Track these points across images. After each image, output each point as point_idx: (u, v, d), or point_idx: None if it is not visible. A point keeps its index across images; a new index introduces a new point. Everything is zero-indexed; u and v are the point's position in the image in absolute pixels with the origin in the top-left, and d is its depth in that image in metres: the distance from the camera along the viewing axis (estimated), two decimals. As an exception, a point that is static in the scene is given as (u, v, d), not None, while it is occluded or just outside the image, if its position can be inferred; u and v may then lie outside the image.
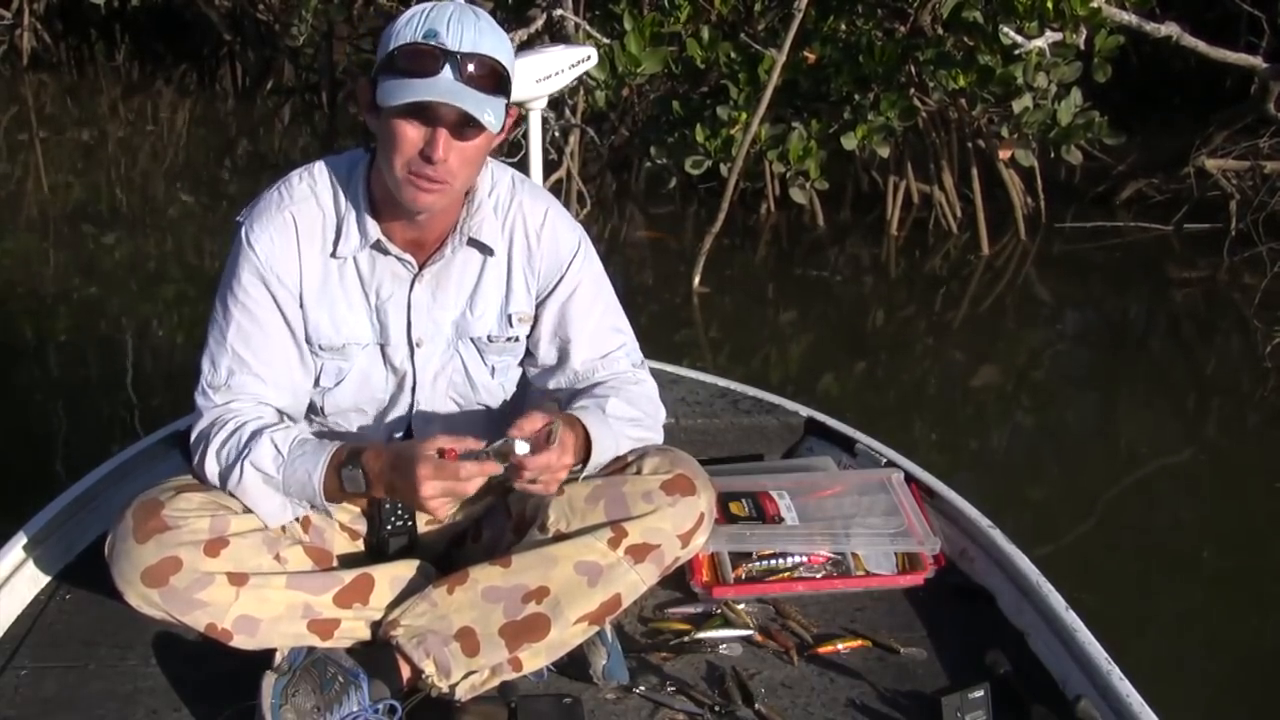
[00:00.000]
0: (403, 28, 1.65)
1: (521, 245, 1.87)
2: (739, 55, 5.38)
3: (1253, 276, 5.40)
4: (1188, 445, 4.22)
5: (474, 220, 1.82)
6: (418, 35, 1.63)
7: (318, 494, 1.73)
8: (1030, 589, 2.01)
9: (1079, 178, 6.52)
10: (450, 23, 1.63)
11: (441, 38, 1.62)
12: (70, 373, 4.46)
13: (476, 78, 1.63)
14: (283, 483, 1.74)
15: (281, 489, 1.75)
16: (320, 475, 1.73)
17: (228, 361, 1.80)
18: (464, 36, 1.63)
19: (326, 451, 1.74)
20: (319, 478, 1.73)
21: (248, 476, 1.75)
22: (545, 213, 1.88)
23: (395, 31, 1.66)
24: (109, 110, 9.09)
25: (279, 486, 1.75)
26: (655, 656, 1.91)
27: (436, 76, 1.62)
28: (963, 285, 5.72)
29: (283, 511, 1.79)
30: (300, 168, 1.84)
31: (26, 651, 1.90)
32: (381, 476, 1.71)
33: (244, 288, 1.79)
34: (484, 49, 1.64)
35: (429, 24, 1.63)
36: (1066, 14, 4.92)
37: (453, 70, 1.62)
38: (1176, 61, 7.09)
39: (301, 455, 1.74)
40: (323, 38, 9.30)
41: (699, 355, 4.66)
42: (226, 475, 1.76)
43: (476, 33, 1.64)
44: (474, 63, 1.63)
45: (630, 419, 1.86)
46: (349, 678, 1.71)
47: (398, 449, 1.72)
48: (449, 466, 1.64)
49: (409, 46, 1.63)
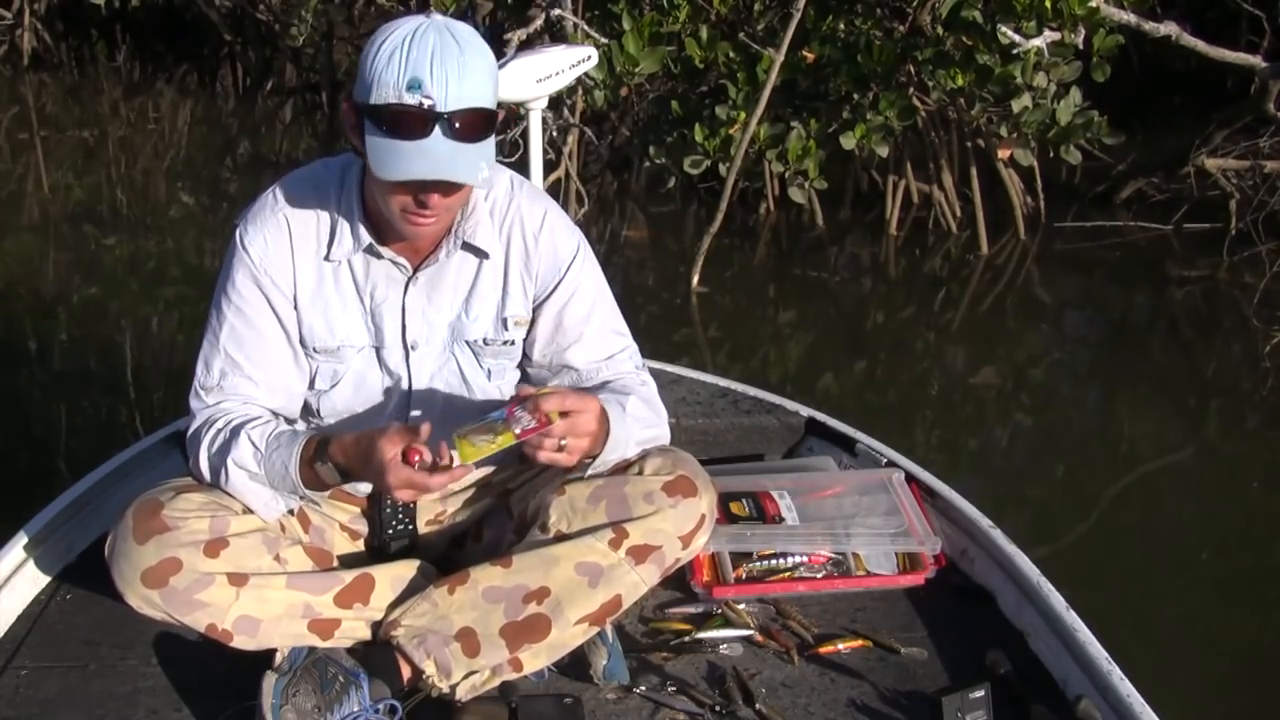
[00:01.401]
0: (383, 69, 1.56)
1: (519, 248, 1.86)
2: (738, 55, 5.38)
3: (1253, 276, 5.41)
4: (1187, 445, 4.22)
5: (469, 224, 1.81)
6: (401, 85, 1.55)
7: (299, 486, 1.73)
8: (1031, 589, 2.01)
9: (1079, 177, 6.52)
10: (434, 66, 1.54)
11: (427, 88, 1.54)
12: (70, 373, 4.45)
13: (466, 131, 1.58)
14: (265, 477, 1.74)
15: (267, 483, 1.75)
16: (295, 469, 1.72)
17: (220, 363, 1.80)
18: (450, 85, 1.55)
19: (297, 445, 1.72)
20: (294, 472, 1.72)
21: (233, 474, 1.75)
22: (543, 215, 1.87)
23: (376, 72, 1.57)
24: (110, 110, 9.09)
25: (264, 481, 1.75)
26: (656, 656, 1.91)
27: (426, 140, 1.57)
28: (962, 285, 5.72)
29: (275, 504, 1.78)
30: (295, 170, 1.84)
31: (27, 651, 1.90)
32: (353, 471, 1.70)
33: (237, 290, 1.79)
34: (469, 95, 1.57)
35: (411, 69, 1.55)
36: (1065, 13, 4.92)
37: (443, 130, 1.57)
38: (1178, 61, 7.08)
39: (277, 449, 1.73)
40: (323, 38, 9.31)
41: (698, 355, 4.66)
42: (216, 474, 1.77)
43: (460, 74, 1.56)
44: (462, 119, 1.57)
45: (644, 420, 1.86)
46: (349, 678, 1.71)
47: (364, 446, 1.66)
48: (418, 479, 1.62)
49: (396, 108, 1.56)
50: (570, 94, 5.36)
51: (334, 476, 1.72)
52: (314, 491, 1.76)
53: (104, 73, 10.27)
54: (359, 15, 9.55)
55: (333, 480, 1.73)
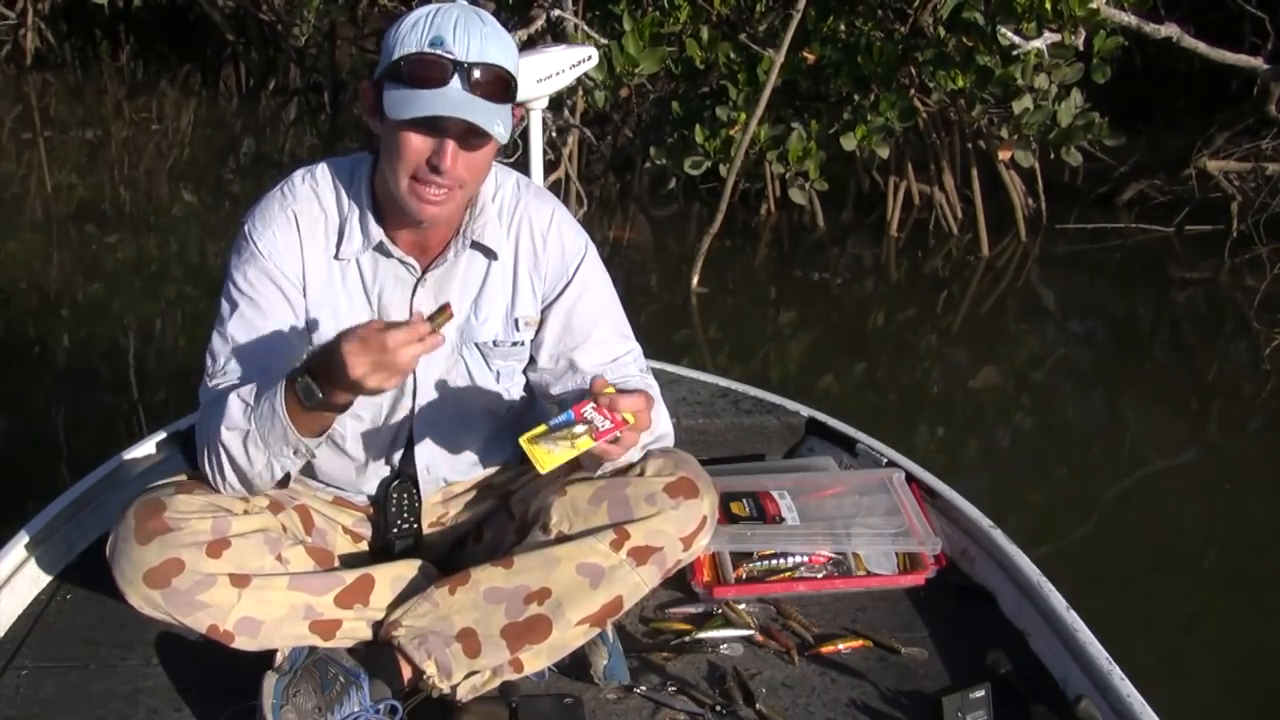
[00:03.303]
0: (407, 33, 1.62)
1: (528, 249, 1.85)
2: (738, 55, 5.39)
3: (1254, 278, 5.41)
4: (1188, 446, 4.22)
5: (477, 224, 1.81)
6: (424, 42, 1.61)
7: (288, 427, 1.63)
8: (1031, 589, 2.01)
9: (1081, 179, 6.52)
10: (457, 29, 1.60)
11: (448, 45, 1.60)
12: (72, 372, 4.46)
13: (484, 86, 1.61)
14: (256, 432, 1.66)
15: (260, 441, 1.67)
16: (281, 402, 1.63)
17: (228, 350, 1.78)
18: (471, 44, 1.61)
19: (281, 382, 1.64)
20: (281, 406, 1.62)
21: (227, 440, 1.68)
22: (551, 215, 1.87)
23: (400, 37, 1.63)
24: (113, 110, 9.11)
25: (257, 441, 1.67)
26: (656, 656, 1.91)
27: (445, 88, 1.60)
28: (963, 286, 5.72)
29: (270, 468, 1.70)
30: (303, 168, 1.83)
31: (27, 651, 1.90)
32: (325, 374, 1.58)
33: (248, 280, 1.77)
34: (491, 56, 1.62)
35: (435, 30, 1.61)
36: (1065, 15, 4.92)
37: (461, 80, 1.60)
38: (1181, 63, 7.09)
39: (264, 394, 1.65)
40: (325, 38, 9.32)
41: (698, 356, 4.66)
42: (214, 453, 1.71)
43: (483, 39, 1.61)
44: (481, 71, 1.61)
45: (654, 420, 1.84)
46: (350, 678, 1.71)
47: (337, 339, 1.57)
48: (374, 339, 1.51)
49: (415, 56, 1.61)
50: (571, 94, 5.36)
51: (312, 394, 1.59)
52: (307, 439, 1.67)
53: (107, 73, 10.29)
54: (362, 15, 9.57)
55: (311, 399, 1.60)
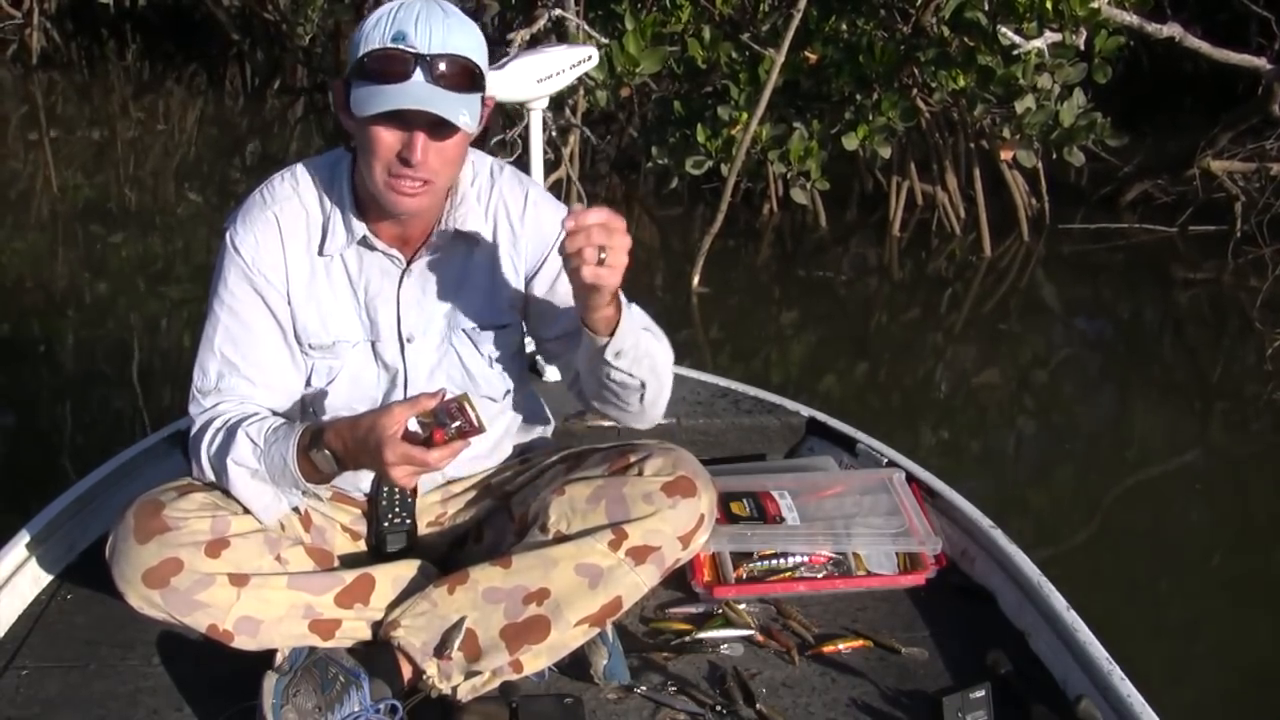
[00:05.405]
0: (371, 30, 1.64)
1: (506, 230, 1.86)
2: (740, 55, 5.38)
3: (1257, 278, 5.40)
4: (1190, 447, 4.22)
5: (459, 212, 1.81)
6: (386, 38, 1.61)
7: (298, 479, 1.70)
8: (1031, 589, 2.01)
9: (1084, 179, 6.51)
10: (418, 22, 1.61)
11: (410, 39, 1.60)
12: (76, 371, 4.47)
13: (448, 77, 1.62)
14: (266, 473, 1.73)
15: (268, 480, 1.73)
16: (292, 459, 1.69)
17: (216, 365, 1.80)
18: (433, 36, 1.61)
19: (293, 435, 1.70)
20: (292, 464, 1.69)
21: (234, 474, 1.74)
22: (525, 195, 1.88)
23: (364, 34, 1.64)
24: (119, 110, 9.12)
25: (265, 478, 1.73)
26: (656, 656, 1.91)
27: (408, 81, 1.60)
28: (966, 286, 5.71)
29: (277, 503, 1.78)
30: (281, 170, 1.84)
31: (28, 651, 1.90)
32: (350, 457, 1.67)
33: (230, 291, 1.79)
34: (453, 47, 1.62)
35: (397, 25, 1.61)
36: (1066, 14, 4.91)
37: (424, 73, 1.61)
38: (1187, 63, 7.08)
39: (275, 442, 1.71)
40: (329, 37, 9.33)
41: (699, 355, 4.65)
42: (219, 476, 1.76)
43: (445, 30, 1.62)
44: (445, 62, 1.61)
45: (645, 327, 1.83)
46: (350, 677, 1.71)
47: (361, 431, 1.64)
48: (416, 454, 1.59)
49: (379, 52, 1.62)
50: (571, 94, 5.36)
51: (330, 465, 1.69)
52: (315, 485, 1.74)
53: (113, 72, 10.31)
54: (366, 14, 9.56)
55: (329, 469, 1.70)
